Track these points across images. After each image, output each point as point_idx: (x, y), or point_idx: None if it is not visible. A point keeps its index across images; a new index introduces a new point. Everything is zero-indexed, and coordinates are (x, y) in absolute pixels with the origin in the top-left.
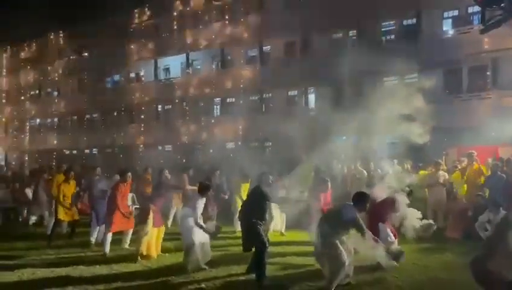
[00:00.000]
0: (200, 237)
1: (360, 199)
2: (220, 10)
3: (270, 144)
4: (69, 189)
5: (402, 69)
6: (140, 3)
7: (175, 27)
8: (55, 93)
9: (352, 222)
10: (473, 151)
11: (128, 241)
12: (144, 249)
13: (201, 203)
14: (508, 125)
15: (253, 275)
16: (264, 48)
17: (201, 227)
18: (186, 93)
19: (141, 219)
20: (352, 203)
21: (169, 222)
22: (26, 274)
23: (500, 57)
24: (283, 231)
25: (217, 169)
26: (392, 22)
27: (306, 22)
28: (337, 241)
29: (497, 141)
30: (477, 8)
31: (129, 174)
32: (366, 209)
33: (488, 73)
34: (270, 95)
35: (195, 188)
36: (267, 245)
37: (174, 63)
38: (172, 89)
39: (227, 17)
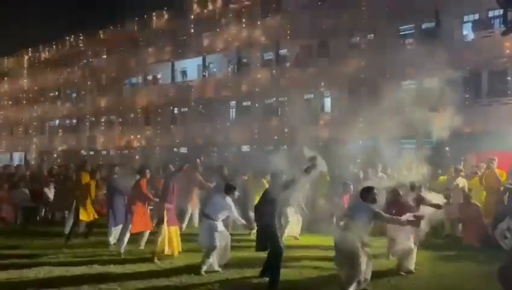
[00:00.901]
0: (222, 239)
1: (366, 192)
2: (236, 13)
3: (286, 147)
4: (94, 188)
5: (420, 73)
6: (158, 6)
7: (192, 30)
8: (74, 94)
9: (371, 215)
10: (493, 157)
11: (144, 242)
12: (165, 248)
13: (231, 202)
14: None
15: (267, 279)
16: (280, 51)
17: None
18: (203, 95)
19: (158, 220)
20: (361, 200)
21: (184, 225)
22: (43, 272)
23: None
24: (297, 235)
25: (224, 165)
26: (410, 26)
27: (323, 25)
28: (358, 245)
29: None
30: (497, 12)
31: (147, 170)
32: (376, 200)
33: (508, 78)
34: (286, 98)
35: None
36: (283, 249)
37: (191, 66)
38: (189, 91)
39: (244, 20)
